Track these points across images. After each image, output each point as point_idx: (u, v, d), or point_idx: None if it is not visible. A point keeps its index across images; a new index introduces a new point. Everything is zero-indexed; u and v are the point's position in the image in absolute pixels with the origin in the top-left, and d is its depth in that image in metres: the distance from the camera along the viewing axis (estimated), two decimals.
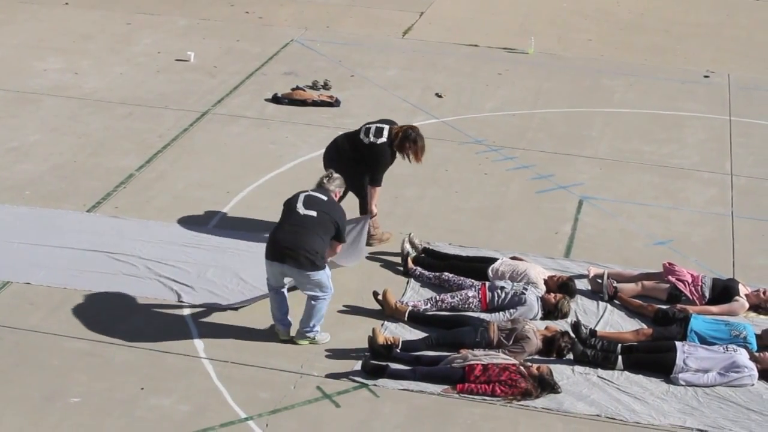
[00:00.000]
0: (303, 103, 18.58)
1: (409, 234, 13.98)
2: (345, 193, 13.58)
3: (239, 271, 13.35)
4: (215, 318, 12.43)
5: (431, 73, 20.46)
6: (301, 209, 11.87)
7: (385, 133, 13.86)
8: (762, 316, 13.16)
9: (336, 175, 12.49)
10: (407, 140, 13.84)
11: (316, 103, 18.61)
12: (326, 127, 17.73)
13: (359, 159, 13.85)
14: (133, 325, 12.25)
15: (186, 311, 12.54)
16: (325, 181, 12.40)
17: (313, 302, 11.83)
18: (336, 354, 11.89)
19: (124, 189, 15.39)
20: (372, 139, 13.83)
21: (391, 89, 19.60)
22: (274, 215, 14.57)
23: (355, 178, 13.73)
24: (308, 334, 11.99)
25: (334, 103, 18.69)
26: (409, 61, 21.09)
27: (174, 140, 17.03)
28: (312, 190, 12.23)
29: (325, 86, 19.35)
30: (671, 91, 20.35)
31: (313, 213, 11.83)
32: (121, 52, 20.84)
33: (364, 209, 13.90)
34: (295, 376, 11.50)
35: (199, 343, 11.96)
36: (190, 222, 14.50)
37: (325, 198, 12.08)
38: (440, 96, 19.38)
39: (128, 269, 13.30)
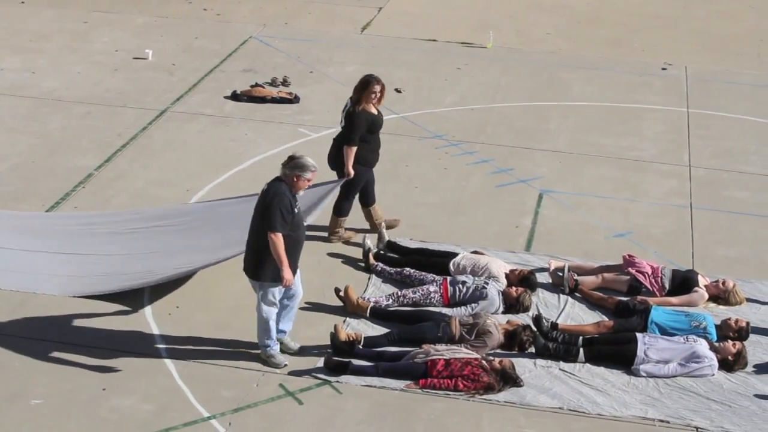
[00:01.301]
0: (262, 100, 18.54)
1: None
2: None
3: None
4: (177, 317, 12.39)
5: (390, 68, 20.46)
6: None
7: (348, 102, 13.91)
8: (721, 307, 13.26)
9: (297, 155, 11.44)
10: (363, 84, 13.81)
11: (275, 100, 18.58)
12: (286, 124, 17.71)
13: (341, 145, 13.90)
14: (95, 325, 12.19)
15: (148, 311, 12.49)
16: (283, 162, 11.54)
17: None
18: (298, 351, 11.88)
19: (83, 188, 15.31)
20: (342, 116, 13.89)
21: (350, 85, 19.28)
22: None
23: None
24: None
25: (294, 100, 18.66)
26: (368, 57, 21.09)
27: (133, 139, 16.96)
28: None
29: (284, 83, 19.32)
30: (629, 84, 20.45)
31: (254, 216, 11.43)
32: (79, 50, 20.73)
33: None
34: (258, 374, 11.48)
35: (160, 343, 11.93)
36: None
37: (264, 188, 11.39)
38: (399, 91, 19.38)
39: (86, 269, 13.23)
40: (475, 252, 13.78)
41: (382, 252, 13.88)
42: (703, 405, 11.45)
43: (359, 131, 13.70)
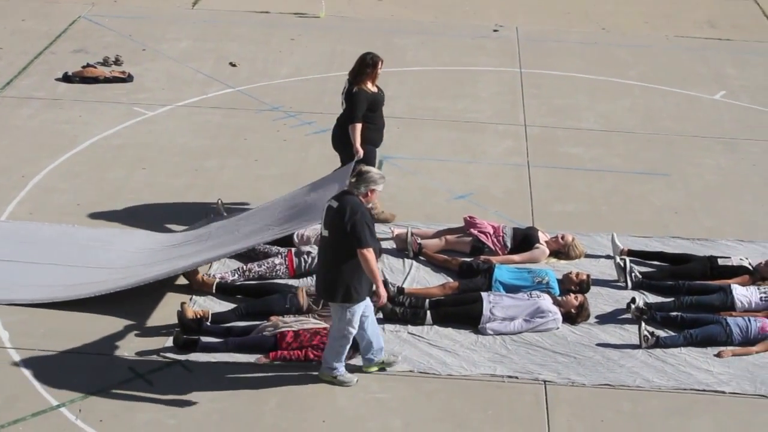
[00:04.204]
0: (95, 80, 18.23)
1: (219, 200, 14.00)
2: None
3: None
4: (18, 306, 12.13)
5: (224, 42, 20.32)
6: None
7: (346, 83, 13.69)
8: (562, 261, 13.53)
9: (364, 170, 10.80)
10: (363, 63, 13.65)
11: (108, 80, 18.28)
12: (120, 104, 17.46)
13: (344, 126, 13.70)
14: None
15: None
16: (352, 181, 10.78)
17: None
18: (146, 332, 11.76)
19: None
20: (342, 98, 13.69)
21: (184, 61, 19.39)
22: (72, 197, 14.43)
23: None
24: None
25: (127, 79, 18.39)
26: (200, 32, 20.88)
27: None
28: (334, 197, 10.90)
29: (117, 62, 19.03)
30: (462, 47, 20.66)
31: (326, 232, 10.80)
32: None
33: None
34: (106, 358, 11.33)
35: (3, 333, 11.67)
36: None
37: (335, 205, 10.70)
38: (234, 65, 19.26)
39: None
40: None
41: None
42: (549, 358, 11.69)
43: (361, 109, 13.46)
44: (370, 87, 13.65)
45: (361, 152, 13.45)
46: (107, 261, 13.02)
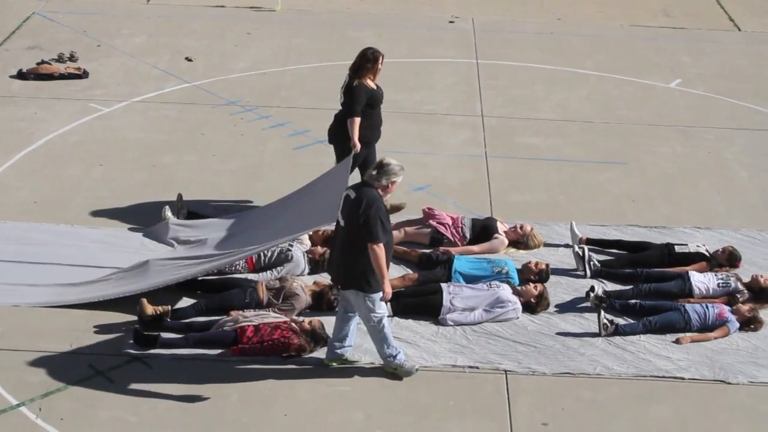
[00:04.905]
0: (50, 77, 18.11)
1: (179, 195, 13.94)
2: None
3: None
4: None
5: (179, 37, 20.23)
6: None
7: (346, 78, 13.59)
8: (521, 251, 13.58)
9: (385, 162, 10.82)
10: (363, 58, 13.56)
11: (63, 77, 18.17)
12: (76, 100, 17.36)
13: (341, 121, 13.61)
14: None
15: None
16: (373, 173, 10.80)
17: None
18: (105, 329, 11.71)
19: None
20: (341, 92, 13.59)
21: (140, 56, 19.29)
22: (29, 194, 14.33)
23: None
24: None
25: (83, 75, 18.28)
26: (156, 27, 20.78)
27: None
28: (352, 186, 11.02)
29: (72, 58, 18.92)
30: (419, 39, 20.68)
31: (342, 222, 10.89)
32: None
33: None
34: (66, 356, 11.28)
35: None
36: None
37: (353, 195, 10.79)
38: (190, 60, 19.19)
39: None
40: None
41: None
42: (510, 348, 11.73)
43: (360, 103, 13.37)
44: (370, 83, 13.59)
45: (358, 146, 13.38)
46: (108, 261, 12.90)
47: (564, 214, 14.43)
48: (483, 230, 13.62)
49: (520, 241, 13.65)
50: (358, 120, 13.38)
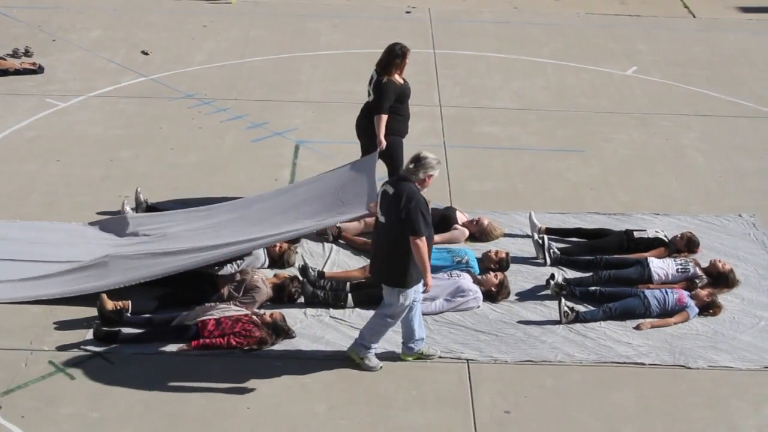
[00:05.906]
0: (4, 72, 17.98)
1: (136, 189, 13.83)
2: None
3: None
4: None
5: (135, 30, 20.14)
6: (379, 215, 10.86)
7: (374, 74, 13.55)
8: (481, 243, 13.60)
9: (422, 155, 10.84)
10: (391, 54, 13.52)
11: (18, 72, 18.04)
12: (31, 95, 17.25)
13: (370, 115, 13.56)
14: None
15: None
16: (410, 167, 10.83)
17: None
18: (65, 325, 11.64)
19: None
20: (370, 87, 13.56)
21: (95, 51, 19.19)
22: None
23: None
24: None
25: (38, 70, 18.16)
26: (111, 21, 20.68)
27: None
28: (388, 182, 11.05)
29: (27, 53, 18.80)
30: (375, 29, 20.68)
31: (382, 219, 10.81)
32: None
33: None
34: (25, 353, 11.20)
35: None
36: None
37: (391, 191, 10.75)
38: (146, 53, 19.11)
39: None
40: None
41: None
42: (471, 337, 11.75)
43: (389, 100, 13.36)
44: (398, 78, 13.56)
45: (384, 143, 13.38)
46: (66, 256, 12.81)
47: (523, 203, 14.47)
48: (442, 220, 13.61)
49: (477, 234, 13.65)
50: (385, 117, 13.41)
